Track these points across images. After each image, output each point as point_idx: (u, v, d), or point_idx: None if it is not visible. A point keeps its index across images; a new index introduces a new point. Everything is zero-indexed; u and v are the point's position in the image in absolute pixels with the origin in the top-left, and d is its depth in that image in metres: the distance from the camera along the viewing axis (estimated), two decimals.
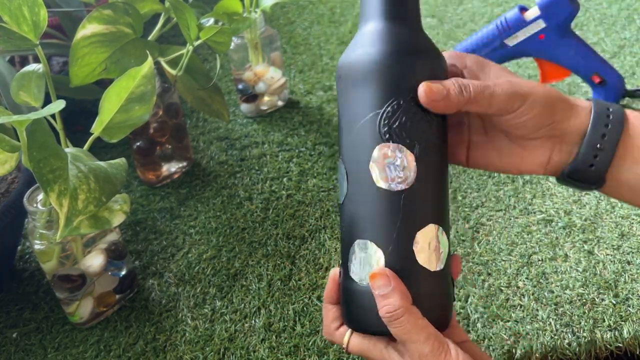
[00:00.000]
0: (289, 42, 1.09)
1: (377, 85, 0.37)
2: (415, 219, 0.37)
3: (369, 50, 0.37)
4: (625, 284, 0.56)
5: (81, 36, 0.54)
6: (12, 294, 0.61)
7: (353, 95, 0.38)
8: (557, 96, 0.38)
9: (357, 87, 0.38)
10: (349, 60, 0.38)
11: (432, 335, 0.36)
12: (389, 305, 0.35)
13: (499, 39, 0.80)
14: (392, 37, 0.37)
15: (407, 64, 0.37)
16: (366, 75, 0.37)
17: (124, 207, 0.51)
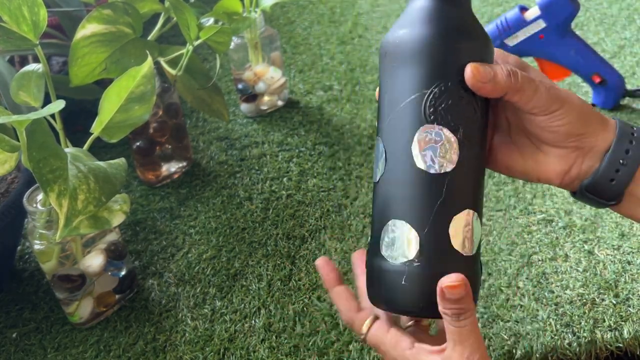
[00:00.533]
0: (289, 42, 1.09)
1: (424, 66, 0.36)
2: (453, 203, 0.37)
3: (418, 29, 0.37)
4: (625, 284, 0.56)
5: (81, 36, 0.54)
6: (12, 294, 0.61)
7: (398, 74, 0.37)
8: (592, 110, 0.38)
9: (403, 66, 0.37)
10: (396, 38, 0.38)
11: (482, 344, 0.36)
12: (462, 307, 0.35)
13: (499, 38, 0.80)
14: (442, 17, 0.37)
15: (457, 46, 0.37)
16: (414, 55, 0.37)
17: (123, 207, 0.51)
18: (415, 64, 0.37)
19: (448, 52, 0.36)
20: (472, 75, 0.36)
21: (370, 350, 0.52)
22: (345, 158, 0.77)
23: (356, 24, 1.14)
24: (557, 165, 0.39)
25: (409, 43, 0.37)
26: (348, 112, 0.86)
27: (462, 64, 0.36)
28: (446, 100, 0.36)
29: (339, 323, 0.55)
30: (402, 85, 0.37)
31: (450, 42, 0.36)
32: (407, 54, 0.37)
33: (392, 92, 0.38)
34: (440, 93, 0.36)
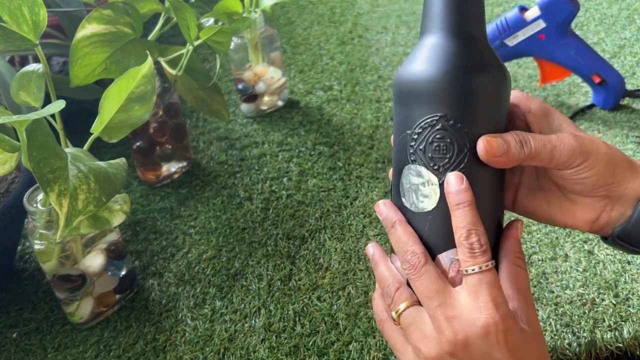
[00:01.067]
0: (289, 42, 1.09)
1: (408, 106, 0.38)
2: (434, 243, 0.37)
3: (405, 68, 0.38)
4: (625, 284, 0.56)
5: (81, 36, 0.54)
6: (12, 294, 0.61)
7: (395, 110, 0.39)
8: (620, 156, 0.37)
9: (396, 103, 0.39)
10: (396, 75, 0.39)
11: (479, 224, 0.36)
12: (464, 195, 0.35)
13: (499, 38, 0.80)
14: (422, 59, 0.37)
15: (429, 88, 0.36)
16: (401, 95, 0.38)
17: (123, 207, 0.51)
18: (400, 103, 0.38)
19: (425, 93, 0.36)
20: (485, 150, 0.35)
21: (370, 350, 0.52)
22: (345, 158, 0.77)
23: (356, 24, 1.14)
24: (586, 214, 0.38)
25: (398, 84, 0.38)
26: (348, 112, 0.86)
27: (438, 104, 0.36)
28: (425, 140, 0.37)
29: (339, 323, 0.55)
30: (395, 120, 0.39)
31: (425, 84, 0.36)
32: (396, 93, 0.38)
33: (394, 126, 0.40)
34: (419, 134, 0.37)
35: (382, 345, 0.53)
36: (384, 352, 0.52)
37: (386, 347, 0.52)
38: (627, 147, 0.74)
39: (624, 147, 0.74)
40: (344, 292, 0.58)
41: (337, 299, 0.58)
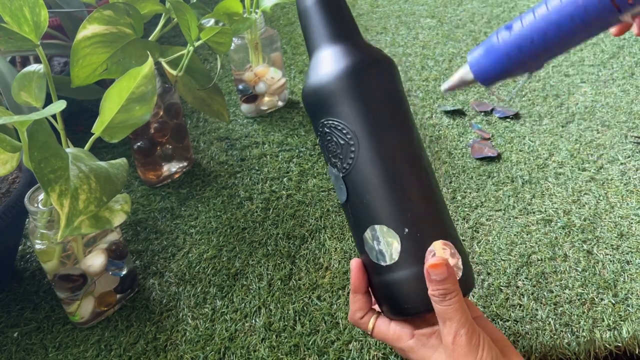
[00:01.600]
0: (289, 42, 1.09)
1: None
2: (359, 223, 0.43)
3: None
4: (624, 283, 0.56)
5: (82, 37, 0.54)
6: (13, 294, 0.61)
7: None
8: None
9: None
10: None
11: (469, 319, 0.39)
12: (446, 288, 0.39)
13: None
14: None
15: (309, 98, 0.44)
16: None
17: (124, 207, 0.51)
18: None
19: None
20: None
21: (370, 349, 0.52)
22: None
23: None
24: None
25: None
26: None
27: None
28: (322, 144, 0.44)
29: (339, 322, 0.55)
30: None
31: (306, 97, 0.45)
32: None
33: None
34: (319, 139, 0.45)
35: (381, 345, 0.53)
36: (383, 352, 0.52)
37: (386, 347, 0.53)
38: (627, 147, 0.74)
39: (623, 147, 0.74)
40: (344, 292, 0.58)
41: (337, 298, 0.58)
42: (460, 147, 0.77)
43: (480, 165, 0.74)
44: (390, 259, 0.41)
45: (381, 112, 0.41)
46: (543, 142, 0.77)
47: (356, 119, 0.41)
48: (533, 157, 0.74)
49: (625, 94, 0.84)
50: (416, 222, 0.40)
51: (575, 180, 0.70)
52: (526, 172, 0.72)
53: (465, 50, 1.02)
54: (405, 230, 0.40)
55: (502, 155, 0.75)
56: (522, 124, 0.81)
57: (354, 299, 0.45)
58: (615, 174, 0.70)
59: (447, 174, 0.73)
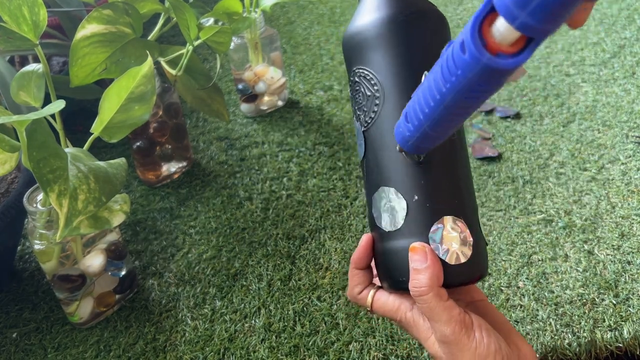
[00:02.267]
0: (289, 42, 1.09)
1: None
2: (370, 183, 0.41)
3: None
4: (625, 284, 0.56)
5: (81, 36, 0.54)
6: (12, 294, 0.61)
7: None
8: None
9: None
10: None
11: (454, 318, 0.36)
12: (418, 280, 0.36)
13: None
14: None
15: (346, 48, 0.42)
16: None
17: (123, 207, 0.51)
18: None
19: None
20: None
21: (370, 350, 0.52)
22: (345, 158, 0.77)
23: None
24: None
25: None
26: (348, 112, 0.86)
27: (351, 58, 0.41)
28: (351, 93, 0.42)
29: (339, 323, 0.55)
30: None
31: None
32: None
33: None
34: (350, 88, 0.42)
35: (381, 345, 0.53)
36: (383, 352, 0.52)
37: (386, 347, 0.52)
38: (628, 147, 0.74)
39: (625, 147, 0.74)
40: (344, 292, 0.58)
41: (337, 299, 0.58)
42: None
43: (481, 165, 0.74)
44: (393, 225, 0.38)
45: (414, 68, 0.38)
46: (544, 142, 0.77)
47: (386, 70, 0.39)
48: (534, 157, 0.74)
49: (627, 94, 0.84)
50: (428, 190, 0.37)
51: (576, 180, 0.70)
52: (527, 172, 0.72)
53: None
54: (415, 198, 0.37)
55: (502, 155, 0.75)
56: (522, 123, 0.81)
57: (352, 273, 0.42)
58: (617, 174, 0.70)
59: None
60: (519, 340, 0.38)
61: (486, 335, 0.36)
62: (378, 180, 0.39)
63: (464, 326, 0.36)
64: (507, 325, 0.40)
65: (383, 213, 0.39)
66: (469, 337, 0.36)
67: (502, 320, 0.40)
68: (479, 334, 0.36)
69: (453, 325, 0.36)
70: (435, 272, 0.36)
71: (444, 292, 0.37)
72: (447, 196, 0.38)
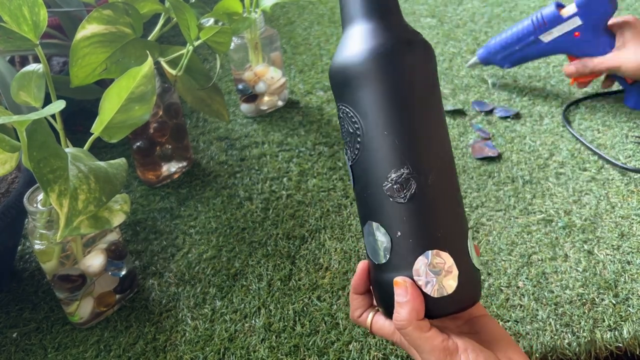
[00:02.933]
0: (289, 42, 1.09)
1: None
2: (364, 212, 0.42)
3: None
4: (625, 284, 0.56)
5: (81, 36, 0.54)
6: (12, 294, 0.61)
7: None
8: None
9: None
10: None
11: (436, 347, 0.38)
12: (400, 315, 0.38)
13: (534, 34, 0.80)
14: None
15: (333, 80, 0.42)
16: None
17: (124, 207, 0.51)
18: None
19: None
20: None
21: (370, 350, 0.52)
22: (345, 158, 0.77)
23: None
24: None
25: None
26: None
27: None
28: (341, 126, 0.42)
29: (339, 323, 0.55)
30: None
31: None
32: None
33: None
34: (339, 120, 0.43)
35: (381, 345, 0.53)
36: (383, 352, 0.52)
37: (386, 347, 0.52)
38: (627, 147, 0.74)
39: (624, 147, 0.74)
40: (344, 292, 0.58)
41: (337, 298, 0.58)
42: (460, 147, 0.77)
43: (481, 165, 0.74)
44: (381, 259, 0.40)
45: (396, 105, 0.38)
46: (544, 142, 0.77)
47: (365, 109, 0.38)
48: (534, 157, 0.74)
49: None
50: (411, 227, 0.38)
51: (576, 180, 0.70)
52: (527, 172, 0.72)
53: (465, 50, 1.02)
54: (398, 234, 0.38)
55: (502, 155, 0.75)
56: (522, 123, 0.81)
57: (352, 297, 0.45)
58: (616, 174, 0.70)
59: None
60: (514, 354, 0.39)
61: (473, 356, 0.38)
62: (366, 213, 0.40)
63: (448, 353, 0.38)
64: (504, 339, 0.41)
65: (372, 246, 0.40)
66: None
67: (499, 335, 0.41)
68: (465, 357, 0.38)
69: (437, 354, 0.38)
70: (415, 307, 0.38)
71: (425, 323, 0.38)
72: (431, 230, 0.38)
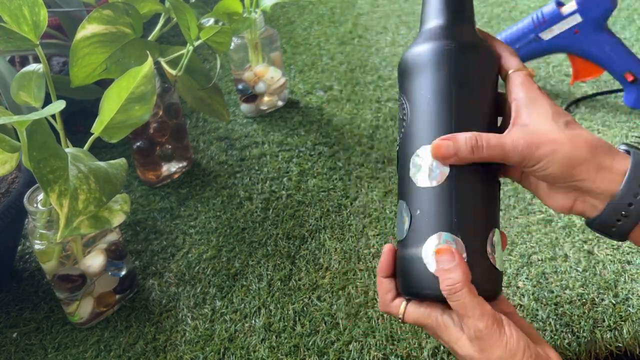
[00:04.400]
0: (289, 42, 1.09)
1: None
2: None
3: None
4: (625, 284, 0.56)
5: (81, 36, 0.54)
6: (12, 294, 0.61)
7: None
8: (583, 156, 0.38)
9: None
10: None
11: (487, 312, 0.37)
12: (450, 279, 0.37)
13: (534, 32, 0.80)
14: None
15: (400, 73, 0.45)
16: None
17: (124, 207, 0.51)
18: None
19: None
20: (435, 153, 0.40)
21: (370, 350, 0.52)
22: (345, 158, 0.77)
23: (356, 24, 1.14)
24: (561, 200, 0.41)
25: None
26: (348, 112, 0.86)
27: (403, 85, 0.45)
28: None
29: (339, 323, 0.55)
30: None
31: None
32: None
33: None
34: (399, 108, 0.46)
35: (381, 345, 0.53)
36: (383, 352, 0.52)
37: (386, 347, 0.52)
38: None
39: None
40: (344, 292, 0.58)
41: (337, 299, 0.58)
42: None
43: None
44: (401, 235, 0.42)
45: (432, 96, 0.41)
46: None
47: (411, 96, 0.43)
48: None
49: None
50: (427, 208, 0.41)
51: None
52: None
53: None
54: (417, 212, 0.41)
55: None
56: None
57: (379, 282, 0.44)
58: None
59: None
60: (546, 346, 0.39)
61: (515, 332, 0.37)
62: (399, 192, 0.44)
63: (495, 321, 0.37)
64: (534, 334, 0.41)
65: (399, 223, 0.43)
66: (500, 333, 0.37)
67: (528, 330, 0.41)
68: (509, 330, 0.37)
69: (486, 319, 0.37)
70: (464, 269, 0.38)
71: (474, 288, 0.38)
72: (446, 215, 0.40)
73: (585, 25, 0.77)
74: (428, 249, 0.40)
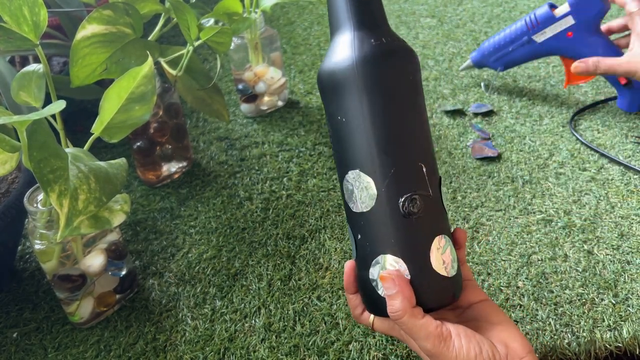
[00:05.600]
0: (289, 42, 1.09)
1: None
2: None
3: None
4: (624, 283, 0.56)
5: (81, 37, 0.54)
6: (12, 294, 0.61)
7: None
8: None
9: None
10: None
11: (431, 333, 0.39)
12: (392, 306, 0.39)
13: (527, 34, 0.80)
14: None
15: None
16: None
17: (124, 207, 0.51)
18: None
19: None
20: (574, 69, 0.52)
21: (370, 350, 0.52)
22: None
23: None
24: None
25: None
26: None
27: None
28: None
29: (339, 323, 0.55)
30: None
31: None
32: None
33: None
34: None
35: (381, 345, 0.53)
36: (383, 352, 0.52)
37: (386, 347, 0.52)
38: (627, 147, 0.74)
39: (624, 147, 0.74)
40: (344, 292, 0.58)
41: (337, 298, 0.58)
42: (460, 147, 0.77)
43: (481, 165, 0.74)
44: (354, 256, 0.44)
45: (347, 125, 0.40)
46: (543, 142, 0.77)
47: (328, 120, 0.42)
48: (533, 157, 0.74)
49: None
50: (365, 233, 0.41)
51: (576, 180, 0.70)
52: (526, 172, 0.72)
53: (465, 50, 1.02)
54: (359, 236, 0.42)
55: (502, 155, 0.75)
56: (522, 123, 0.81)
57: (348, 298, 0.47)
58: (616, 174, 0.70)
59: (447, 174, 0.73)
60: (509, 338, 0.40)
61: (466, 342, 0.39)
62: (345, 216, 0.45)
63: (442, 339, 0.39)
64: (502, 324, 0.42)
65: (351, 244, 0.44)
66: (448, 348, 0.39)
67: (497, 320, 0.43)
68: (459, 342, 0.39)
69: (432, 340, 0.39)
70: (406, 295, 0.39)
71: (419, 311, 0.40)
72: (383, 238, 0.40)
73: (578, 27, 0.77)
74: (374, 273, 0.41)
